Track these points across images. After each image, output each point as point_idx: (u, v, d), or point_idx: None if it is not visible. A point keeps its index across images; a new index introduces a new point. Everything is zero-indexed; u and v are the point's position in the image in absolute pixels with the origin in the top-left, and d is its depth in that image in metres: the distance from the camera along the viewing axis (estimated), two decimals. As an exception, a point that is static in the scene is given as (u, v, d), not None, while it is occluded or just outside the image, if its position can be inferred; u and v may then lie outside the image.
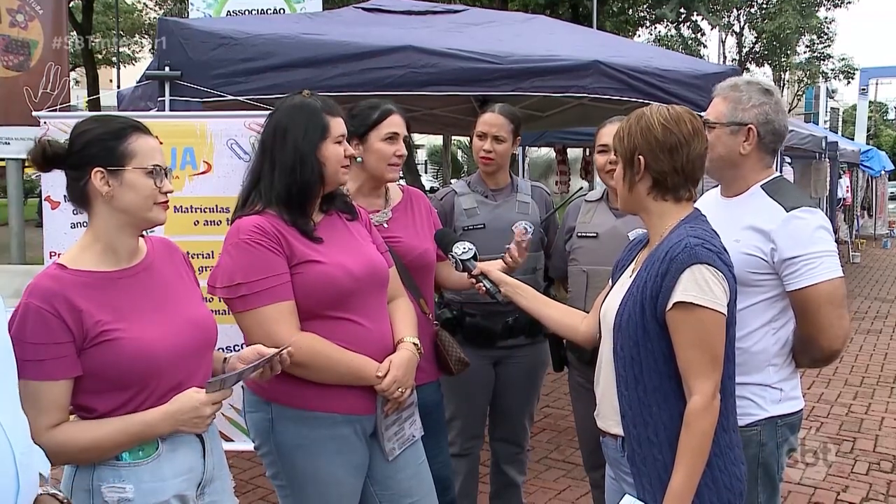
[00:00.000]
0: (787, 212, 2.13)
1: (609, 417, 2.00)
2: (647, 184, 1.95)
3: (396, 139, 2.63)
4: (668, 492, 1.81)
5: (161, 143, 1.93)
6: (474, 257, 2.48)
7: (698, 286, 1.79)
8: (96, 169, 1.79)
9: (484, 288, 2.43)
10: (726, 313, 1.83)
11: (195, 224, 3.28)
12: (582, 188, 3.91)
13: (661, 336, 1.85)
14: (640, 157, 1.92)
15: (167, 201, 1.89)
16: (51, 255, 3.29)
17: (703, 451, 1.81)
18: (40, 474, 1.45)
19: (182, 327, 1.88)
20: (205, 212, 3.29)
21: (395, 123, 2.63)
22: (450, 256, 2.53)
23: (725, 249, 1.90)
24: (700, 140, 1.93)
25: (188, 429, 1.83)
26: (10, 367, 1.42)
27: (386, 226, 2.66)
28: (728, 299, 1.84)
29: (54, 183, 3.28)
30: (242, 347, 2.26)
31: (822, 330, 2.11)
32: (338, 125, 2.21)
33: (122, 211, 1.83)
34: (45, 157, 1.81)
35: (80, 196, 1.84)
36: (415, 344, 2.30)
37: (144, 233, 1.95)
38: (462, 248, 2.49)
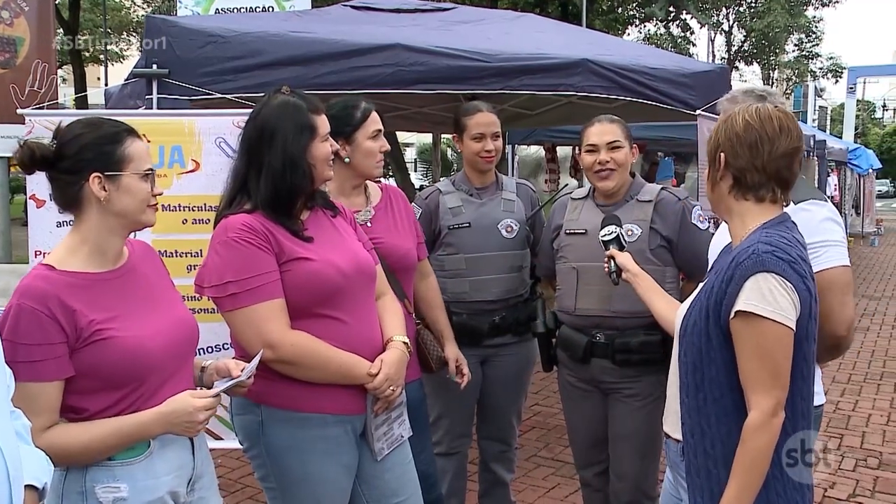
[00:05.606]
0: (795, 205, 2.14)
1: (673, 421, 1.98)
2: (728, 182, 1.88)
3: (380, 136, 2.66)
4: None
5: (149, 141, 1.94)
6: (616, 240, 2.65)
7: (762, 296, 1.70)
8: (94, 174, 1.79)
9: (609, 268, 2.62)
10: (794, 327, 1.72)
11: (183, 222, 3.26)
12: (567, 185, 3.92)
13: (725, 345, 1.77)
14: (722, 153, 1.87)
15: (157, 203, 1.91)
16: (36, 254, 3.27)
17: (756, 470, 1.72)
18: (38, 488, 1.41)
19: (171, 326, 1.89)
20: (193, 210, 3.27)
21: (377, 120, 2.66)
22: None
23: (804, 259, 1.79)
24: (788, 139, 1.83)
25: (180, 432, 1.83)
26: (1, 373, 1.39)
27: (370, 225, 2.65)
28: (798, 313, 1.73)
29: (40, 181, 3.25)
30: (229, 347, 2.26)
31: (825, 316, 2.07)
32: (323, 123, 2.21)
33: (117, 214, 1.83)
34: (34, 159, 1.79)
35: (71, 200, 1.83)
36: (404, 343, 2.29)
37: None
38: (607, 231, 2.67)
